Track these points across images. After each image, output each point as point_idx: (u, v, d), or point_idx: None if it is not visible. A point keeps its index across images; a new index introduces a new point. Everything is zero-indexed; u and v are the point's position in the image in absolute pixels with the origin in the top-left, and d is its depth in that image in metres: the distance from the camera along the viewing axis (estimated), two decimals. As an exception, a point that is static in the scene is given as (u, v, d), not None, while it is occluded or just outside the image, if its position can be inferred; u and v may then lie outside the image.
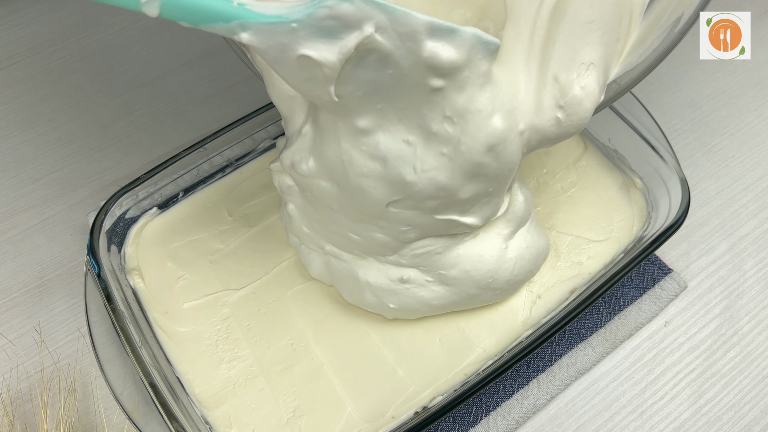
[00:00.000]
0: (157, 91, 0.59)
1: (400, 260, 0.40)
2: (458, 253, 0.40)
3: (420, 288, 0.41)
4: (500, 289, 0.41)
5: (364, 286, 0.41)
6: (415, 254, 0.39)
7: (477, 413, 0.42)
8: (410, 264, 0.40)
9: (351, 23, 0.26)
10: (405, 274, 0.40)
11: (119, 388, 0.38)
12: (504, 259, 0.40)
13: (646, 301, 0.46)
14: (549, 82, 0.31)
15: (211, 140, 0.46)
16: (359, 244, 0.40)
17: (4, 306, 0.47)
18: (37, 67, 0.61)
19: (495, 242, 0.40)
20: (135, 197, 0.45)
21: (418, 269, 0.40)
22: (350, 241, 0.40)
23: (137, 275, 0.44)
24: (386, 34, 0.27)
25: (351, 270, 0.41)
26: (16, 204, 0.53)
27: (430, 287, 0.41)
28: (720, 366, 0.44)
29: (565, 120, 0.32)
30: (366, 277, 0.41)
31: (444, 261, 0.39)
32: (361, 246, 0.40)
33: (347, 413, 0.40)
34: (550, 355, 0.44)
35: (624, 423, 0.42)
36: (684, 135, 0.55)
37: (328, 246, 0.42)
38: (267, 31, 0.27)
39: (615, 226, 0.46)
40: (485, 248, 0.40)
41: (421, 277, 0.40)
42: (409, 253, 0.39)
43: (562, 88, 0.31)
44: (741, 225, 0.50)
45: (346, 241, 0.40)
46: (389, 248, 0.39)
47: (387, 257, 0.40)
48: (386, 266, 0.41)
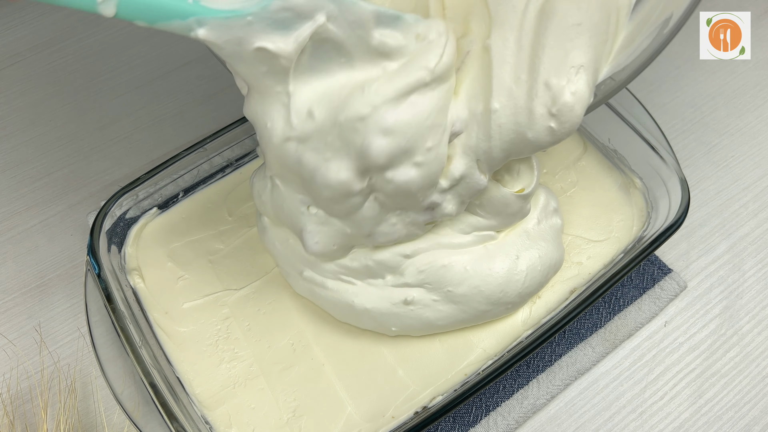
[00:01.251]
0: (157, 91, 0.59)
1: (403, 280, 0.39)
2: (465, 268, 0.39)
3: (425, 308, 0.40)
4: (511, 303, 0.41)
5: (362, 313, 0.40)
6: (419, 270, 0.39)
7: (477, 413, 0.42)
8: (415, 282, 0.39)
9: (304, 14, 0.28)
10: (409, 295, 0.39)
11: (119, 388, 0.38)
12: (515, 271, 0.40)
13: (645, 301, 0.46)
14: (540, 89, 0.31)
15: (211, 140, 0.46)
16: (347, 268, 0.39)
17: (4, 306, 0.47)
18: (37, 67, 0.61)
19: (508, 252, 0.40)
20: (135, 197, 0.45)
21: (423, 288, 0.39)
22: (337, 266, 0.40)
23: (137, 275, 0.44)
24: (337, 22, 0.28)
25: (342, 299, 0.40)
26: (16, 204, 0.53)
27: (437, 307, 0.40)
28: (720, 366, 0.44)
29: (558, 128, 0.32)
30: (363, 304, 0.40)
31: (451, 277, 0.39)
32: (352, 270, 0.39)
33: (347, 413, 0.40)
34: (550, 355, 0.44)
35: (624, 423, 0.42)
36: (684, 135, 0.55)
37: (307, 271, 0.41)
38: (223, 26, 0.27)
39: (615, 226, 0.46)
40: (495, 260, 0.39)
41: (426, 297, 0.39)
42: (413, 269, 0.39)
43: (554, 96, 0.31)
44: (741, 225, 0.50)
45: (331, 266, 0.40)
46: (387, 268, 0.39)
47: (385, 278, 0.39)
48: (386, 290, 0.40)
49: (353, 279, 0.40)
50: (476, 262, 0.39)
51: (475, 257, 0.39)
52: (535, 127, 0.32)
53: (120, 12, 0.26)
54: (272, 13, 0.27)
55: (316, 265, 0.40)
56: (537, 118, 0.31)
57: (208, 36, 0.27)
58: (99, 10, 0.25)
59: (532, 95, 0.31)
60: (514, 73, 0.31)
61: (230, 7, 0.27)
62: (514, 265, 0.40)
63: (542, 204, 0.43)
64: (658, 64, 0.59)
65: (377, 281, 0.40)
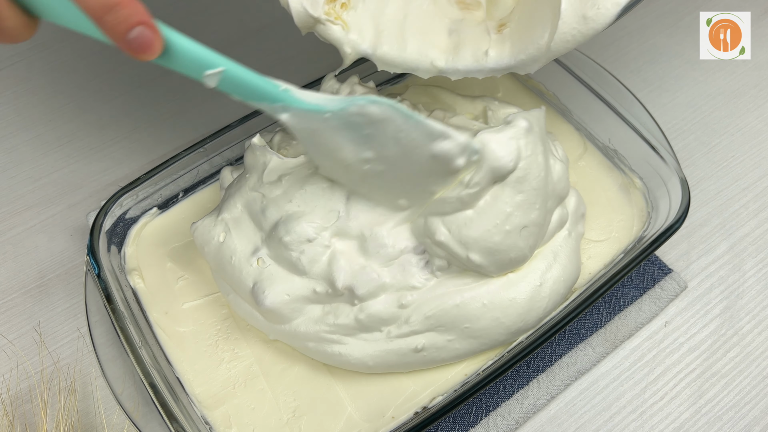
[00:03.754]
0: (157, 91, 0.59)
1: (409, 328, 0.38)
2: (484, 304, 0.38)
3: (440, 351, 0.39)
4: (533, 328, 0.40)
5: (362, 368, 0.39)
6: (427, 316, 0.38)
7: (477, 413, 0.42)
8: (424, 328, 0.38)
9: (374, 121, 0.32)
10: (419, 343, 0.38)
11: (119, 388, 0.38)
12: (537, 298, 0.39)
13: (646, 301, 0.46)
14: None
15: (211, 140, 0.46)
16: (333, 325, 0.38)
17: (4, 306, 0.47)
18: (37, 67, 0.61)
19: (530, 280, 0.39)
20: (135, 197, 0.45)
21: (435, 331, 0.38)
22: (316, 323, 0.39)
23: (137, 275, 0.44)
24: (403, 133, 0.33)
25: (336, 354, 0.39)
26: (16, 204, 0.53)
27: (453, 346, 0.39)
28: (720, 366, 0.44)
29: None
30: (365, 361, 0.39)
31: (467, 314, 0.38)
32: (339, 327, 0.38)
33: (347, 413, 0.40)
34: (550, 355, 0.44)
35: (624, 423, 0.42)
36: (684, 135, 0.55)
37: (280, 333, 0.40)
38: (303, 116, 0.32)
39: (615, 226, 0.46)
40: (517, 289, 0.39)
41: (440, 339, 0.38)
42: (418, 316, 0.38)
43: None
44: (741, 225, 0.50)
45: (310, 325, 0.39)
46: (383, 321, 0.38)
47: (383, 330, 0.38)
48: (390, 343, 0.38)
49: (342, 336, 0.39)
50: (495, 294, 0.38)
51: (494, 288, 0.39)
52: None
53: (221, 86, 0.29)
54: (348, 116, 0.31)
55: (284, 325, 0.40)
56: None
57: (289, 121, 0.32)
58: (204, 80, 0.29)
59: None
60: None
61: (314, 101, 0.31)
62: (537, 292, 0.39)
63: (573, 208, 0.42)
64: (658, 64, 0.59)
65: (373, 335, 0.39)
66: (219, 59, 0.29)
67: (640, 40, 0.61)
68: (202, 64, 0.28)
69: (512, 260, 0.38)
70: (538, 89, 0.53)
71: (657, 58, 0.60)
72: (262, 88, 0.30)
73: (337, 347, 0.39)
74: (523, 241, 0.38)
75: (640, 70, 0.59)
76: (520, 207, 0.37)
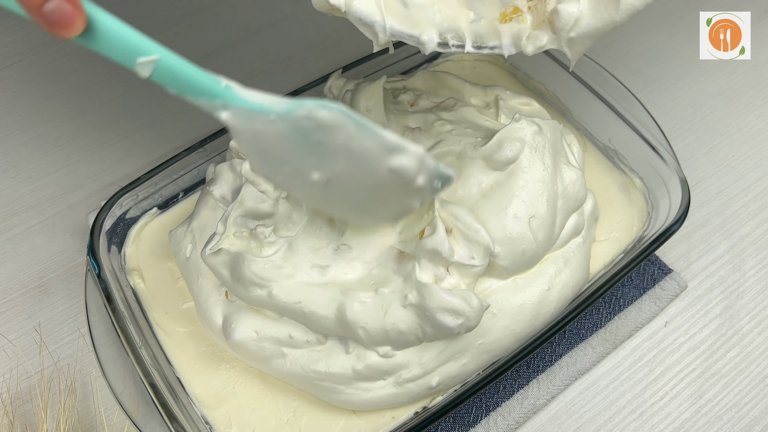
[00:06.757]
0: (157, 91, 0.58)
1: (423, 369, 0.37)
2: (494, 313, 0.38)
3: (454, 378, 0.38)
4: (537, 334, 0.39)
5: (370, 407, 0.39)
6: (441, 350, 0.37)
7: (477, 413, 0.42)
8: (439, 363, 0.37)
9: (324, 127, 0.28)
10: (434, 381, 0.38)
11: (119, 388, 0.38)
12: (545, 302, 0.39)
13: (646, 301, 0.46)
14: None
15: (211, 140, 0.46)
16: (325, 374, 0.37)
17: (4, 306, 0.47)
18: (37, 67, 0.61)
19: (538, 285, 0.39)
20: (135, 197, 0.45)
21: (450, 362, 0.38)
22: (304, 370, 0.38)
23: (137, 275, 0.44)
24: (355, 141, 0.28)
25: (333, 400, 0.38)
26: (16, 204, 0.53)
27: (467, 369, 0.38)
28: (720, 366, 0.44)
29: None
30: (367, 406, 0.38)
31: (479, 327, 0.36)
32: (333, 376, 0.37)
33: (347, 413, 0.40)
34: (550, 355, 0.44)
35: (624, 423, 0.42)
36: (684, 135, 0.55)
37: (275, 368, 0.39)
38: (245, 116, 0.28)
39: (615, 226, 0.46)
40: (525, 293, 0.39)
41: (455, 367, 0.38)
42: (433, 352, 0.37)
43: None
44: (741, 225, 0.50)
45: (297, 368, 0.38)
46: (383, 373, 0.37)
47: (387, 379, 0.37)
48: (401, 387, 0.37)
49: (337, 386, 0.38)
50: (504, 301, 0.38)
51: (502, 296, 0.39)
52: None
53: (154, 76, 0.27)
54: (295, 119, 0.28)
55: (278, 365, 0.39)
56: None
57: (229, 120, 0.28)
58: (136, 68, 0.27)
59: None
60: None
61: (258, 101, 0.28)
62: (545, 296, 0.39)
63: (589, 212, 0.42)
64: (658, 64, 0.59)
65: (376, 383, 0.38)
66: (153, 46, 0.27)
67: (640, 40, 0.61)
68: (133, 50, 0.26)
69: (524, 252, 0.38)
70: (538, 89, 0.53)
71: (657, 58, 0.60)
72: (201, 82, 0.28)
73: (335, 396, 0.38)
74: (533, 232, 0.38)
75: (640, 70, 0.59)
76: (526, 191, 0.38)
